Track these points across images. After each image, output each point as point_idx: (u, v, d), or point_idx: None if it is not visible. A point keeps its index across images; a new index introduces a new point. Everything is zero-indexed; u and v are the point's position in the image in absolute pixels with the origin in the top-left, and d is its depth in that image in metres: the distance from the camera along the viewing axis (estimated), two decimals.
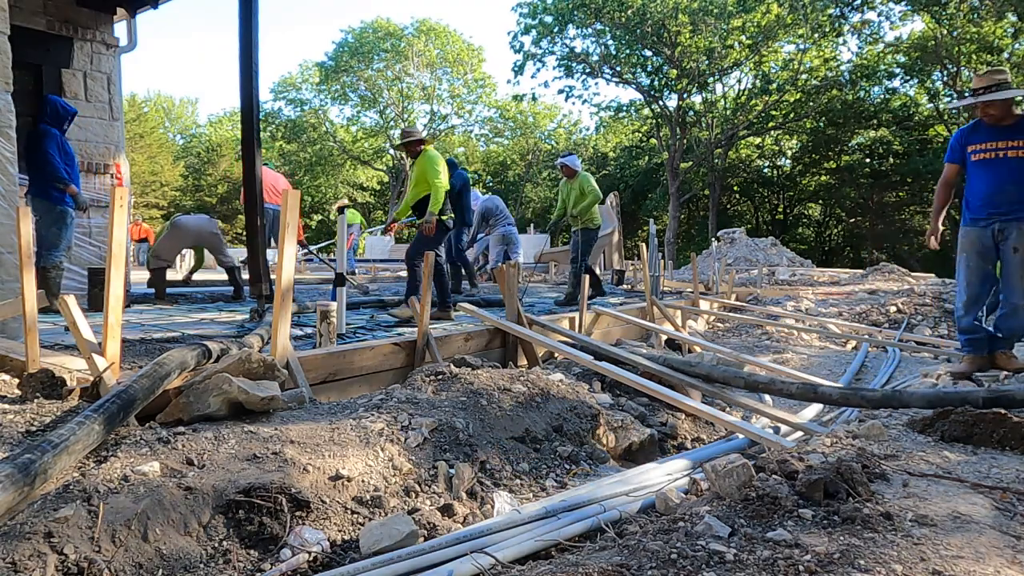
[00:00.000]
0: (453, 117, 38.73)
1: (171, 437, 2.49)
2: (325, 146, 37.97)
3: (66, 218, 5.33)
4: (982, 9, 21.23)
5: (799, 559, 1.58)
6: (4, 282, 4.10)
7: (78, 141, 6.27)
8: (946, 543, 1.71)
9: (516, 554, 1.96)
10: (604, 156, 39.29)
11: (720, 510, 1.93)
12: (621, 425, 3.68)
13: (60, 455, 2.09)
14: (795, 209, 36.63)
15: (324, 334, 4.11)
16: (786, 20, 24.09)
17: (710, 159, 29.37)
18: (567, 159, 7.80)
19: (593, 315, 6.54)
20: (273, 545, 2.05)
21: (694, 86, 27.58)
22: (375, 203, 43.89)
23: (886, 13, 24.00)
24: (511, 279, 5.26)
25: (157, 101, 47.08)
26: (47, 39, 6.24)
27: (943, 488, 2.11)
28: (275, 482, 2.19)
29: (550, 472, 3.02)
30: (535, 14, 26.81)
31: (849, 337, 7.65)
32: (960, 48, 23.04)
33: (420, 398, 3.22)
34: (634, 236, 29.88)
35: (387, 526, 2.07)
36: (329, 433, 2.69)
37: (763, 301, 11.27)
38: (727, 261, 15.18)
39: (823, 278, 15.96)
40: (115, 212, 2.95)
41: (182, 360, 3.09)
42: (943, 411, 2.73)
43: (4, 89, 4.06)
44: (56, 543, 1.75)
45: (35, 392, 3.01)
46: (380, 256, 20.35)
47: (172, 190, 38.44)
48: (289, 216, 3.44)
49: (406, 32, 35.33)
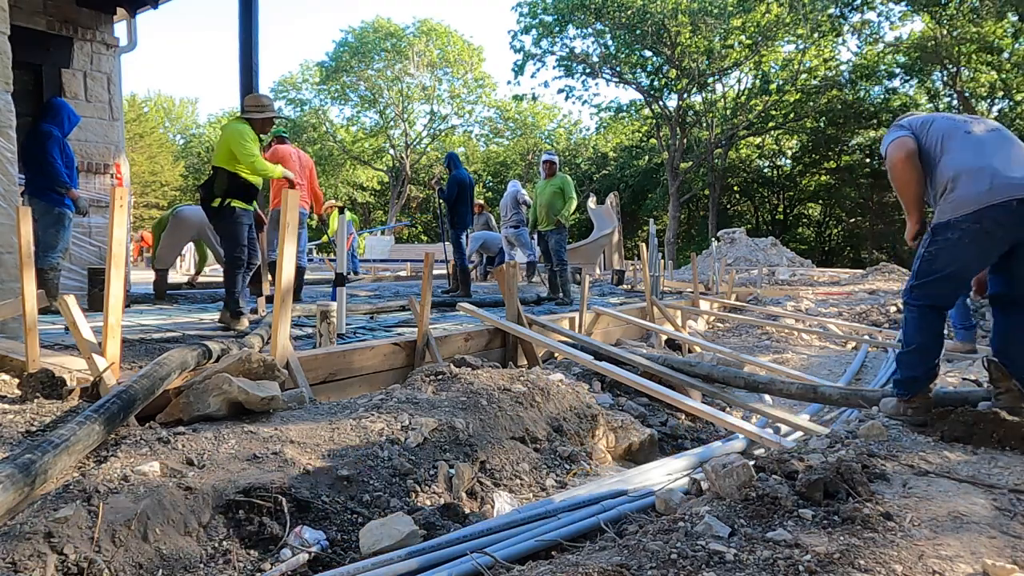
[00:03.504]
0: (453, 117, 38.78)
1: (171, 437, 2.49)
2: (325, 146, 38.00)
3: (64, 220, 5.33)
4: (982, 9, 21.22)
5: (799, 559, 1.58)
6: (4, 282, 4.10)
7: (78, 141, 6.26)
8: (946, 543, 1.71)
9: (516, 554, 1.96)
10: (604, 156, 39.29)
11: (720, 510, 1.93)
12: (621, 425, 3.68)
13: (60, 455, 2.09)
14: (795, 209, 36.64)
15: (324, 334, 4.11)
16: (786, 20, 24.09)
17: (710, 159, 29.38)
18: (553, 156, 7.86)
19: (593, 315, 6.54)
20: (273, 545, 2.05)
21: (694, 86, 27.60)
22: (375, 203, 43.90)
23: (886, 13, 24.05)
24: (511, 279, 5.26)
25: (157, 101, 47.11)
26: (47, 39, 6.24)
27: (943, 488, 2.11)
28: (275, 482, 2.19)
29: (550, 472, 3.02)
30: (535, 14, 26.83)
31: (849, 337, 7.65)
32: (960, 48, 23.05)
33: (420, 398, 3.22)
34: (634, 236, 29.88)
35: (387, 526, 2.07)
36: (329, 433, 2.69)
37: (763, 301, 11.27)
38: (727, 261, 15.19)
39: (823, 278, 15.97)
40: (115, 212, 2.95)
41: (182, 360, 3.09)
42: (943, 411, 2.72)
43: (4, 89, 4.06)
44: (56, 543, 1.75)
45: (35, 392, 3.01)
46: (380, 256, 20.37)
47: (172, 190, 38.45)
48: (289, 216, 3.44)
49: (407, 32, 35.36)
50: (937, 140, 2.72)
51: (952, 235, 2.58)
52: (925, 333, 2.71)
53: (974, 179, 2.56)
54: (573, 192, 7.64)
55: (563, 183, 7.62)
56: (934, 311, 2.71)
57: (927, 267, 2.67)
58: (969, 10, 21.78)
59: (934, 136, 2.73)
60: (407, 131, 38.05)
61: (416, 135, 38.97)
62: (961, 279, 2.76)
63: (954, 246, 2.59)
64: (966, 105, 24.86)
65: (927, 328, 2.71)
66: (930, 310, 2.71)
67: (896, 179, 2.80)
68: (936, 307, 2.72)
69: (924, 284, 2.68)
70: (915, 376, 2.73)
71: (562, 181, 7.65)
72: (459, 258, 8.01)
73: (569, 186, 7.63)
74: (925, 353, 2.71)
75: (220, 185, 4.56)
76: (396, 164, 38.55)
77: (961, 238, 2.56)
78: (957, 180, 2.59)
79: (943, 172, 2.65)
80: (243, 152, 4.51)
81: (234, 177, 4.58)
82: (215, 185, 4.57)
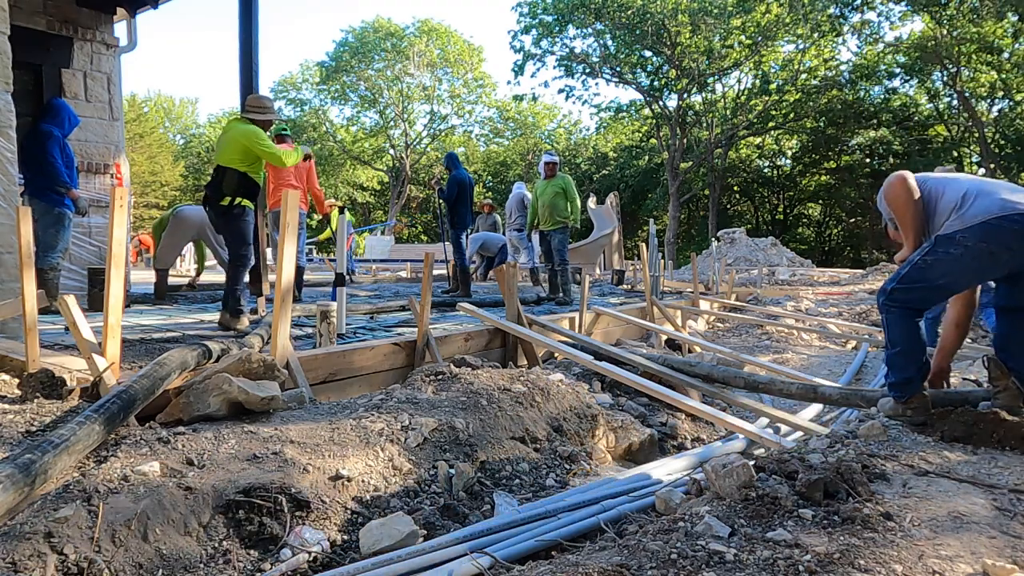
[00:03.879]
0: (453, 117, 38.79)
1: (171, 437, 2.49)
2: (325, 146, 38.00)
3: (64, 220, 5.34)
4: (982, 9, 21.22)
5: (799, 559, 1.58)
6: (4, 282, 4.10)
7: (78, 141, 6.26)
8: (946, 543, 1.71)
9: (516, 554, 1.96)
10: (604, 156, 39.28)
11: (720, 510, 1.93)
12: (621, 425, 3.68)
13: (60, 455, 2.09)
14: (795, 209, 36.64)
15: (324, 334, 4.12)
16: (786, 20, 24.10)
17: (710, 159, 29.39)
18: (555, 157, 7.86)
19: (593, 315, 6.54)
20: (273, 545, 2.05)
21: (694, 86, 27.60)
22: (375, 203, 43.90)
23: (886, 13, 24.05)
24: (511, 279, 5.26)
25: (157, 101, 47.09)
26: (47, 39, 6.24)
27: (943, 488, 2.11)
28: (275, 482, 2.19)
29: (550, 472, 3.02)
30: (535, 14, 26.83)
31: (849, 337, 7.65)
32: (960, 48, 23.05)
33: (420, 398, 3.22)
34: (634, 236, 29.88)
35: (387, 526, 2.07)
36: (329, 433, 2.69)
37: (763, 301, 11.27)
38: (727, 261, 15.19)
39: (823, 278, 15.97)
40: (115, 212, 2.95)
41: (182, 360, 3.09)
42: (943, 411, 2.73)
43: (4, 89, 4.06)
44: (56, 543, 1.75)
45: (35, 392, 3.01)
46: (380, 256, 20.36)
47: (172, 190, 38.43)
48: (289, 216, 3.44)
49: (407, 32, 35.36)
50: (937, 184, 2.75)
51: (955, 250, 2.57)
52: (907, 334, 2.71)
53: (983, 198, 2.57)
54: (575, 193, 7.65)
55: (565, 184, 7.62)
56: (913, 312, 2.72)
57: (918, 274, 2.65)
58: (969, 10, 21.78)
59: (932, 183, 2.76)
60: (407, 131, 38.07)
61: (416, 135, 38.98)
62: (948, 293, 2.78)
63: (954, 261, 2.58)
64: (966, 105, 24.87)
65: (908, 329, 2.71)
66: (909, 312, 2.71)
67: (894, 200, 2.77)
68: (914, 310, 2.72)
69: (908, 289, 2.68)
70: (908, 377, 2.73)
71: (564, 182, 7.64)
72: (459, 258, 8.02)
73: (571, 187, 7.63)
74: (911, 353, 2.71)
75: (229, 184, 4.59)
76: (396, 164, 38.55)
77: (963, 255, 2.55)
78: (966, 199, 2.60)
79: (949, 199, 2.67)
80: (264, 149, 4.62)
81: (243, 176, 4.63)
82: (224, 184, 4.60)
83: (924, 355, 2.75)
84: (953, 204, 2.64)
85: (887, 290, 2.74)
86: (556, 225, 7.60)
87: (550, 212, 7.57)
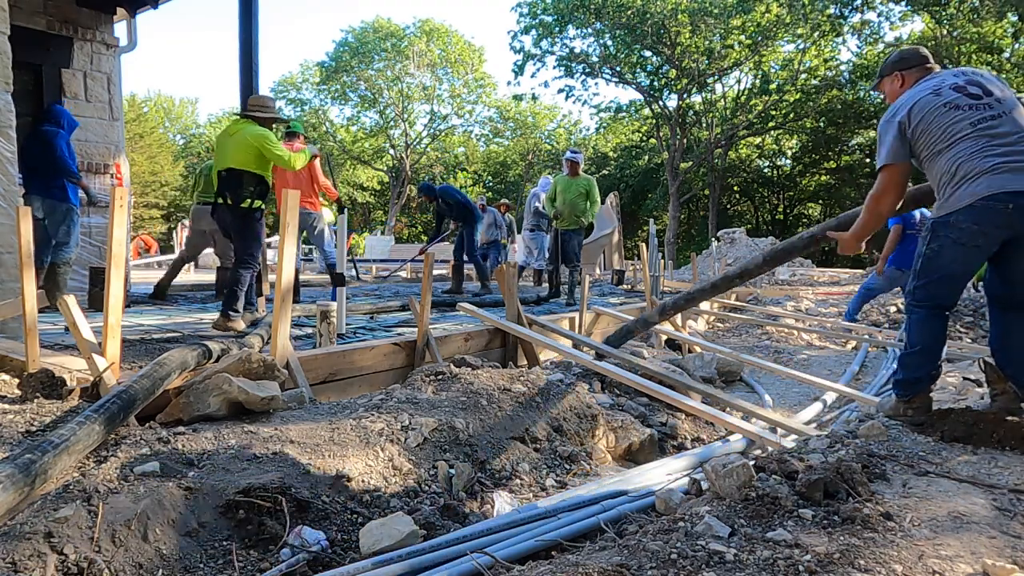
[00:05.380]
0: (453, 117, 38.77)
1: (171, 437, 2.49)
2: (325, 146, 37.98)
3: (73, 215, 5.42)
4: (982, 9, 21.22)
5: (799, 559, 1.58)
6: (4, 282, 4.10)
7: (78, 141, 6.26)
8: (946, 543, 1.71)
9: (516, 554, 1.96)
10: (604, 156, 39.29)
11: (720, 510, 1.93)
12: (621, 425, 3.68)
13: (60, 455, 2.09)
14: (795, 209, 36.63)
15: (324, 334, 4.12)
16: (786, 20, 24.09)
17: (710, 159, 29.38)
18: (579, 156, 7.70)
19: (593, 315, 6.54)
20: (273, 545, 2.05)
21: (694, 86, 27.59)
22: (375, 203, 43.88)
23: (886, 13, 24.04)
24: (511, 279, 5.26)
25: (157, 101, 47.05)
26: (47, 39, 6.24)
27: (943, 488, 2.11)
28: (275, 482, 2.19)
29: (550, 472, 3.02)
30: (535, 14, 26.82)
31: (849, 337, 7.64)
32: (960, 48, 23.04)
33: (420, 398, 3.22)
34: (634, 236, 29.87)
35: (387, 526, 2.07)
36: (329, 433, 2.69)
37: (763, 301, 11.27)
38: (727, 261, 15.17)
39: (823, 278, 15.98)
40: (115, 212, 2.95)
41: (182, 360, 3.09)
42: (943, 411, 2.73)
43: (4, 89, 4.06)
44: (56, 543, 1.75)
45: (35, 392, 3.01)
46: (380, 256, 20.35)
47: (172, 190, 38.43)
48: (289, 216, 3.44)
49: (408, 32, 35.34)
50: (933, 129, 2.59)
51: (953, 234, 2.52)
52: (929, 335, 2.68)
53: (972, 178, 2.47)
54: (598, 196, 7.59)
55: (589, 185, 7.54)
56: (938, 311, 2.69)
57: (929, 265, 2.62)
58: (969, 10, 21.77)
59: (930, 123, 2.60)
60: (407, 131, 38.05)
61: (416, 135, 38.96)
62: (965, 278, 2.70)
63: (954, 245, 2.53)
64: None
65: (931, 330, 2.68)
66: (935, 310, 2.68)
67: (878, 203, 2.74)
68: (940, 307, 2.69)
69: (927, 284, 2.64)
70: (918, 377, 2.71)
71: (588, 184, 7.55)
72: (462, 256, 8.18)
73: (594, 190, 7.56)
74: (928, 355, 2.69)
75: (248, 187, 4.64)
76: (396, 164, 38.54)
77: (959, 238, 2.51)
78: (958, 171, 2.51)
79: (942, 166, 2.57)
80: (275, 152, 4.63)
81: (260, 179, 4.68)
82: (243, 187, 4.63)
83: (940, 359, 2.73)
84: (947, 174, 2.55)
85: (911, 289, 2.72)
86: (575, 226, 7.57)
87: (570, 211, 7.51)
